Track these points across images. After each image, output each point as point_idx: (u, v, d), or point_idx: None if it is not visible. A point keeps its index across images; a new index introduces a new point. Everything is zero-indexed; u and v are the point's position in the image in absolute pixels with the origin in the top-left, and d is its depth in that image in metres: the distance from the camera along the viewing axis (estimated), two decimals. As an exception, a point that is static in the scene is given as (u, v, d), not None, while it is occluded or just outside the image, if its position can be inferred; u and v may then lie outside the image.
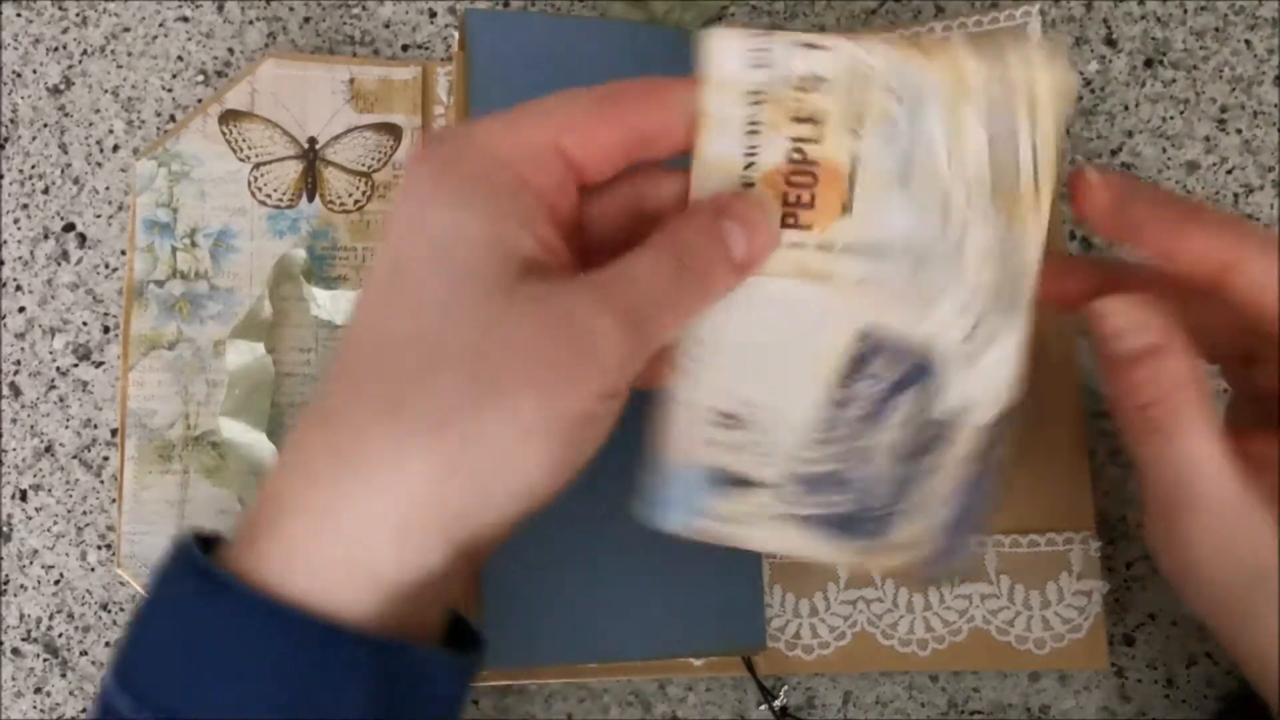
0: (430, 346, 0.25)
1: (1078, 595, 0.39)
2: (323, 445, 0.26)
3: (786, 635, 0.40)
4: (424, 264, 0.26)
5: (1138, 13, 0.44)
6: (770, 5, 0.45)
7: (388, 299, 0.26)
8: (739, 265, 0.27)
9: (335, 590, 0.25)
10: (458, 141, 0.27)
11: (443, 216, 0.26)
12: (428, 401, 0.25)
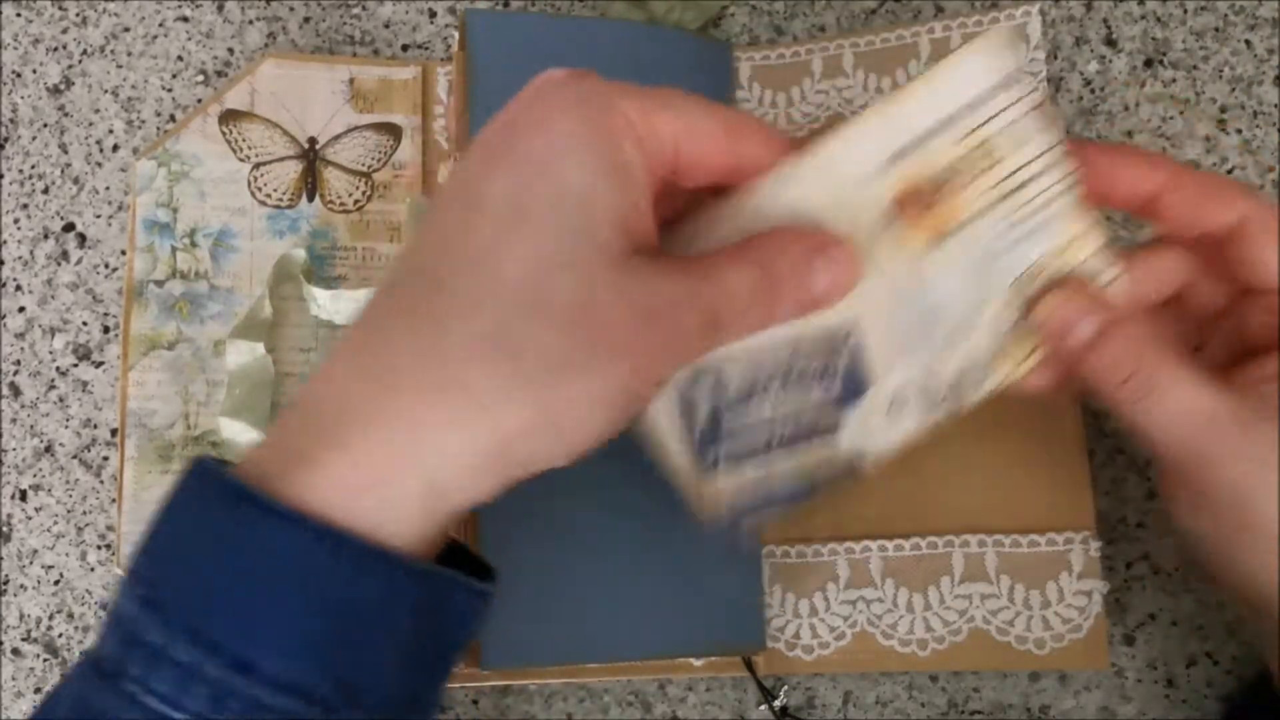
0: (543, 289, 0.25)
1: (1078, 595, 0.39)
2: (418, 366, 0.25)
3: (786, 635, 0.40)
4: (551, 213, 0.25)
5: (1138, 13, 0.44)
6: (770, 5, 0.45)
7: (505, 235, 0.25)
8: (810, 303, 0.29)
9: (400, 520, 0.25)
10: (595, 102, 0.26)
11: (582, 171, 0.26)
12: (536, 352, 0.25)
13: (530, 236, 0.25)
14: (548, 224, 0.25)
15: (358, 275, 0.42)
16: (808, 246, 0.28)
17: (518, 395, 0.25)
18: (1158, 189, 0.31)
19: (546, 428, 0.25)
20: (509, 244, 0.25)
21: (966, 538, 0.40)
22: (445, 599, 0.26)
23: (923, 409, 0.31)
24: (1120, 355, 0.30)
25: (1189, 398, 0.30)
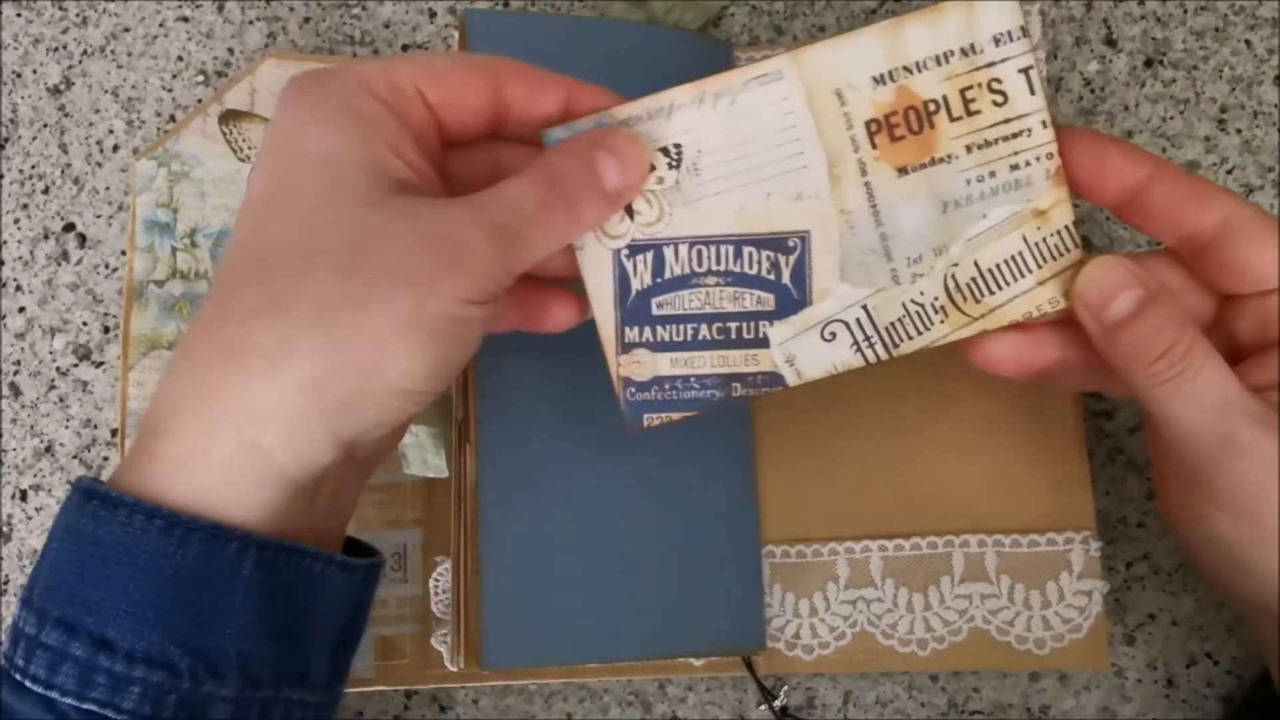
0: (310, 247, 0.26)
1: (1078, 595, 0.39)
2: (209, 344, 0.27)
3: (786, 635, 0.40)
4: (302, 180, 0.27)
5: (1138, 13, 0.44)
6: (770, 5, 0.45)
7: (266, 212, 0.28)
8: (610, 195, 0.29)
9: (229, 486, 0.26)
10: (331, 76, 0.28)
11: (320, 139, 0.27)
12: (310, 296, 0.26)
13: (291, 203, 0.27)
14: (305, 190, 0.27)
15: (358, 275, 0.42)
16: (587, 143, 0.29)
17: (303, 336, 0.26)
18: (1144, 181, 0.30)
19: (350, 368, 0.26)
20: (271, 216, 0.27)
21: (966, 538, 0.40)
22: (293, 568, 0.27)
23: (854, 344, 0.31)
24: (1158, 330, 0.29)
25: (1223, 382, 0.29)
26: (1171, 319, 0.29)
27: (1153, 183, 0.30)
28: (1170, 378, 0.29)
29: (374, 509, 0.40)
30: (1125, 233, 0.43)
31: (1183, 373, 0.29)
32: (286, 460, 0.27)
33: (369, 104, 0.28)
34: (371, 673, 0.39)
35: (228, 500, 0.26)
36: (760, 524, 0.40)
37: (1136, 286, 0.29)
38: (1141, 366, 0.29)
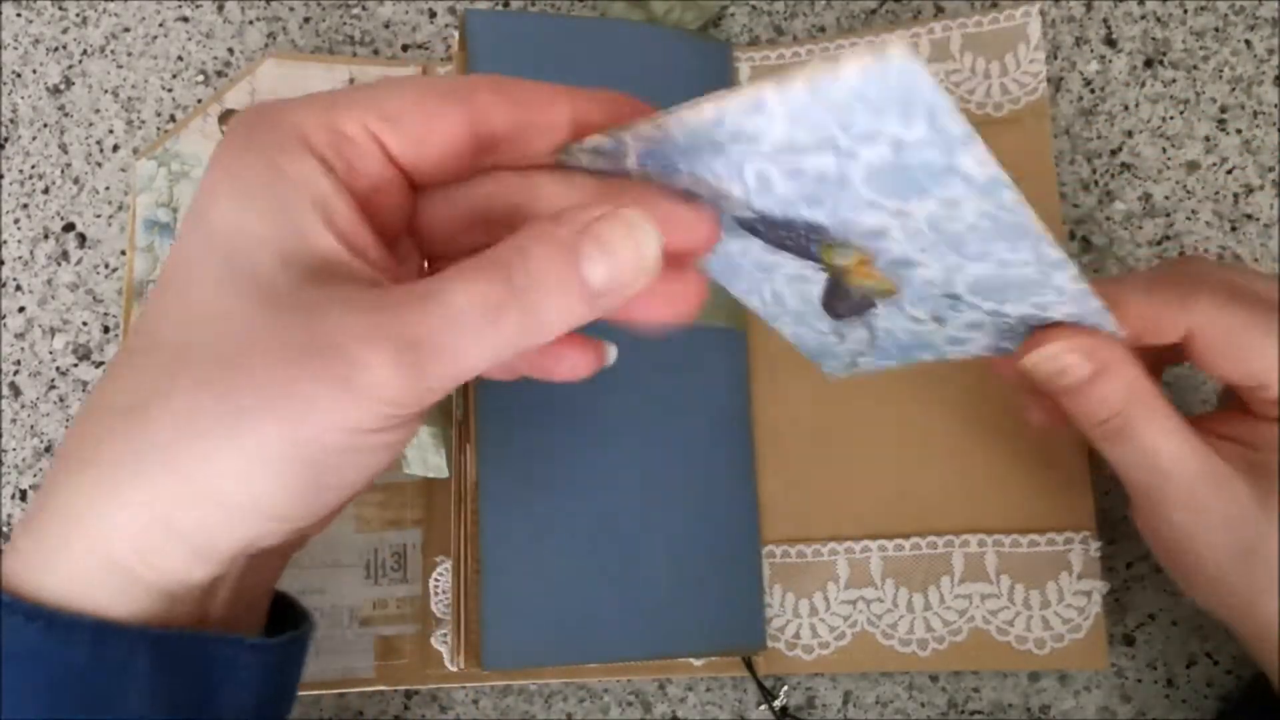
0: (180, 348, 0.23)
1: (1077, 595, 0.39)
2: (75, 442, 0.24)
3: (786, 635, 0.40)
4: (199, 263, 0.23)
5: (1138, 13, 0.44)
6: (770, 5, 0.45)
7: (159, 292, 0.24)
8: (591, 297, 0.23)
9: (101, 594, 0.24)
10: (261, 124, 0.24)
11: (227, 210, 0.23)
12: (169, 409, 0.23)
13: (182, 287, 0.24)
14: (196, 272, 0.23)
15: (358, 275, 0.42)
16: (571, 226, 0.23)
17: (153, 462, 0.23)
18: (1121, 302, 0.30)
19: (203, 497, 0.23)
20: (163, 300, 0.24)
21: (966, 538, 0.40)
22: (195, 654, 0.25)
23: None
24: (1102, 400, 0.30)
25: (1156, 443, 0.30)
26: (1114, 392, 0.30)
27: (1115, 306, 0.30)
28: (1112, 437, 0.31)
29: (374, 509, 0.40)
30: (1125, 232, 0.43)
31: (1119, 435, 0.31)
32: (149, 575, 0.24)
33: (299, 162, 0.23)
34: (371, 673, 0.39)
35: (102, 601, 0.24)
36: (760, 524, 0.40)
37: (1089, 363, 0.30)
38: (1088, 425, 0.31)
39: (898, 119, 0.23)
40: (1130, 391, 0.30)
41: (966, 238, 0.27)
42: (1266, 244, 0.43)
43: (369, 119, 0.24)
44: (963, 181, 0.25)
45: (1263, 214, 0.43)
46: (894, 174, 0.24)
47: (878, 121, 0.23)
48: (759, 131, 0.23)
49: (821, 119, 0.23)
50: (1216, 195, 0.43)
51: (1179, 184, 0.43)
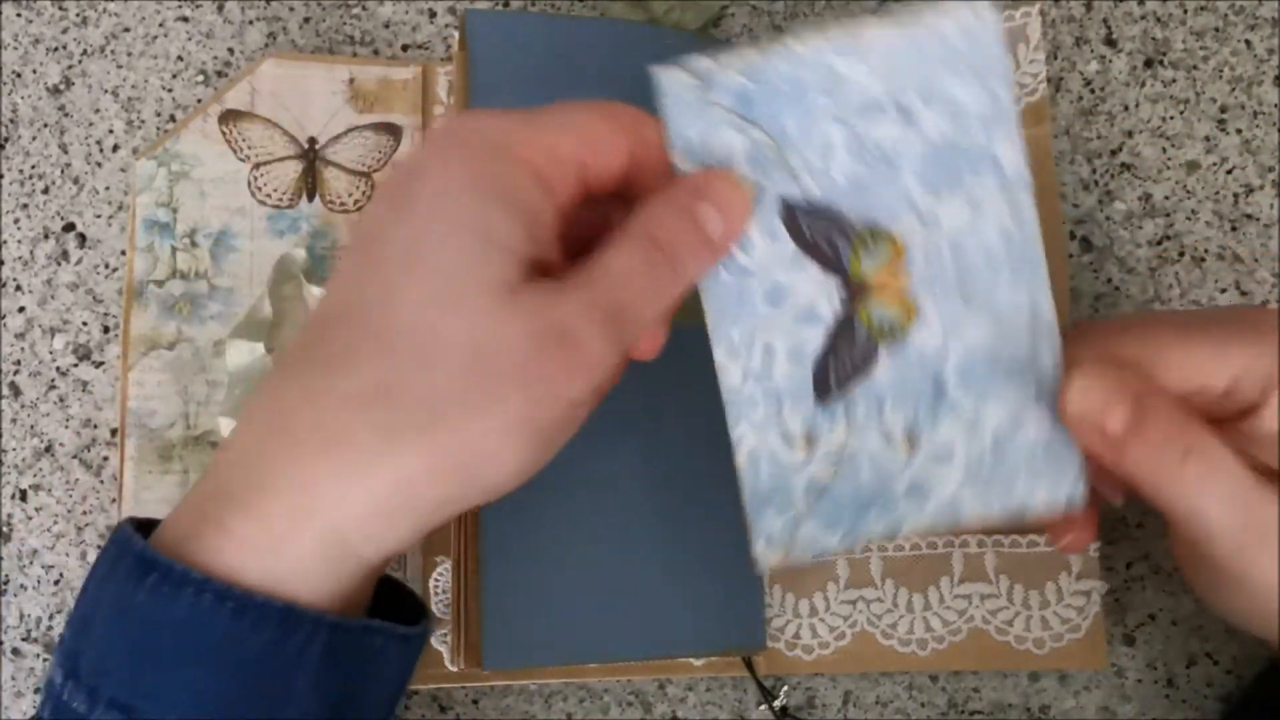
0: (435, 336, 0.25)
1: (1076, 595, 0.39)
2: (311, 422, 0.25)
3: (786, 635, 0.40)
4: (443, 249, 0.26)
5: (1138, 13, 0.44)
6: (770, 5, 0.45)
7: (400, 280, 0.26)
8: (716, 245, 0.28)
9: (306, 573, 0.25)
10: (493, 131, 0.27)
11: (472, 208, 0.26)
12: (425, 392, 0.25)
13: (423, 278, 0.26)
14: (441, 264, 0.26)
15: (358, 275, 0.42)
16: (689, 192, 0.28)
17: (407, 443, 0.25)
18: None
19: (451, 471, 0.25)
20: (403, 289, 0.26)
21: (966, 538, 0.40)
22: (356, 645, 0.27)
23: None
24: (1170, 430, 0.27)
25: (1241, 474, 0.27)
26: (1177, 416, 0.27)
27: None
28: (1202, 475, 0.27)
29: (374, 509, 0.40)
30: (1125, 232, 0.43)
31: (1211, 470, 0.27)
32: (368, 552, 0.26)
33: (525, 176, 0.27)
34: (371, 673, 0.39)
35: (299, 584, 0.25)
36: (760, 524, 0.40)
37: (1127, 393, 0.27)
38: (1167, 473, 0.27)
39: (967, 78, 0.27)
40: (1187, 415, 0.27)
41: (977, 271, 0.29)
42: (1266, 244, 0.43)
43: (579, 149, 0.27)
44: (994, 172, 0.28)
45: (1263, 214, 0.43)
46: (943, 156, 0.28)
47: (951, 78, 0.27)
48: (847, 76, 0.27)
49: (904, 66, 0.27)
50: (1216, 195, 0.43)
51: (1179, 184, 0.43)
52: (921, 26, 0.27)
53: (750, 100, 0.28)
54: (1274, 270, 0.42)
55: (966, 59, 0.27)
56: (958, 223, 0.28)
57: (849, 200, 0.29)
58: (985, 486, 0.29)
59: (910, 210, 0.29)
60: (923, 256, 0.29)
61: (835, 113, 0.28)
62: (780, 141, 0.28)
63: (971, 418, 0.29)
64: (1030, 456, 0.29)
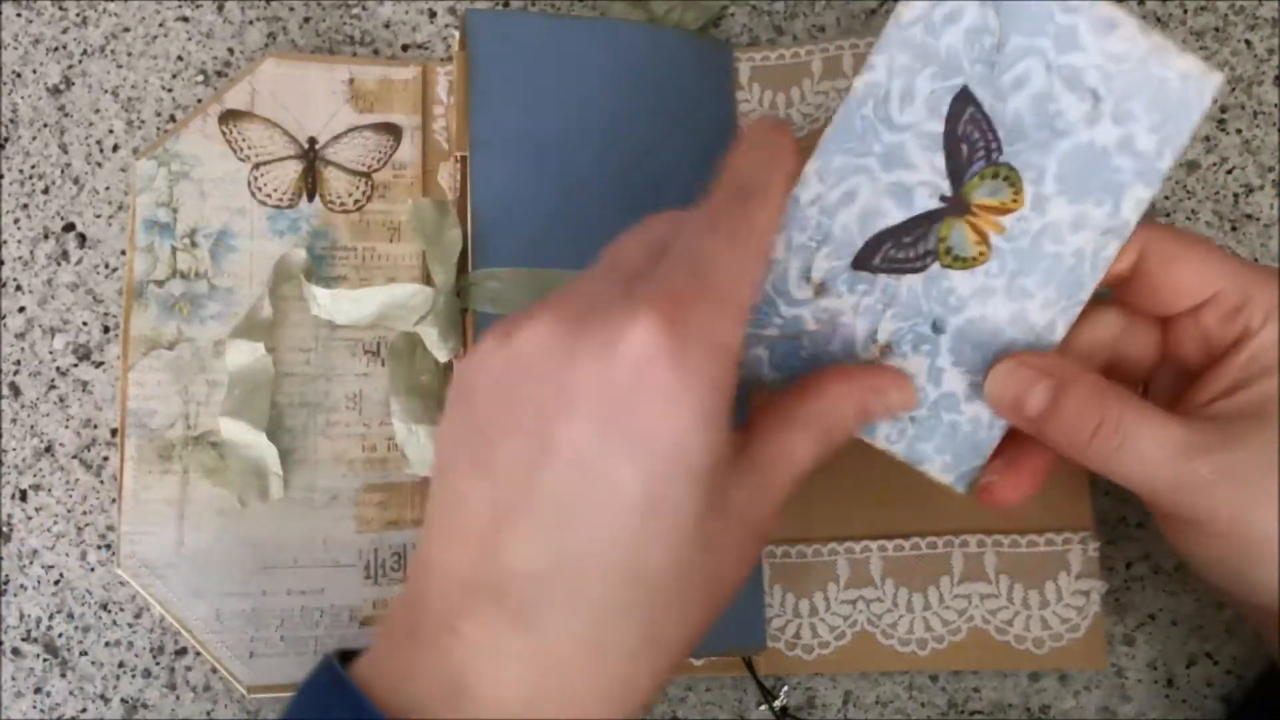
0: (682, 583, 0.26)
1: (1076, 595, 0.39)
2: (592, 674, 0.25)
3: (786, 635, 0.40)
4: (685, 498, 0.25)
5: (1138, 13, 0.44)
6: (770, 5, 0.45)
7: (641, 529, 0.25)
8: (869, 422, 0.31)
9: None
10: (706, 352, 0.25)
11: (702, 444, 0.25)
12: (683, 639, 0.26)
13: (674, 526, 0.25)
14: (685, 510, 0.25)
15: (358, 275, 0.42)
16: (863, 391, 0.30)
17: (666, 675, 0.26)
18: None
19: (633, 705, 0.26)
20: (658, 537, 0.25)
21: (966, 537, 0.40)
22: None
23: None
24: (1080, 411, 0.30)
25: (1160, 435, 0.29)
26: (1089, 395, 0.30)
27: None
28: (1111, 448, 0.29)
29: (374, 509, 0.40)
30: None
31: (1121, 441, 0.29)
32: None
33: (731, 382, 0.26)
34: (371, 673, 0.39)
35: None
36: (760, 524, 0.40)
37: (1043, 379, 0.30)
38: (1080, 447, 0.30)
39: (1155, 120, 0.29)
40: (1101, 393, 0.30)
41: (1037, 269, 0.30)
42: (1266, 244, 0.43)
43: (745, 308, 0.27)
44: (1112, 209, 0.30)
45: (1263, 214, 0.43)
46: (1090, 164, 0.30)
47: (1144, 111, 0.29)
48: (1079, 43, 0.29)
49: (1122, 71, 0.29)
50: (1216, 195, 0.43)
51: (1179, 184, 0.43)
52: (1160, 53, 0.29)
53: None
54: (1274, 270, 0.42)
55: (1165, 107, 0.29)
56: (1059, 223, 0.30)
57: (1008, 134, 0.30)
58: (905, 426, 0.31)
59: (1040, 182, 0.30)
60: (1018, 224, 0.30)
61: (1049, 59, 0.29)
62: (1001, 41, 0.29)
63: (940, 367, 0.31)
64: (953, 429, 0.31)
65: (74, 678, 0.41)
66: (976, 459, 0.32)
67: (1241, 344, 0.31)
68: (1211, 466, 0.29)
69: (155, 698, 0.41)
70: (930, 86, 0.29)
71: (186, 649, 0.41)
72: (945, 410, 0.31)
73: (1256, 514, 0.29)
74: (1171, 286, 0.31)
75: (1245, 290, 0.30)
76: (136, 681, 0.41)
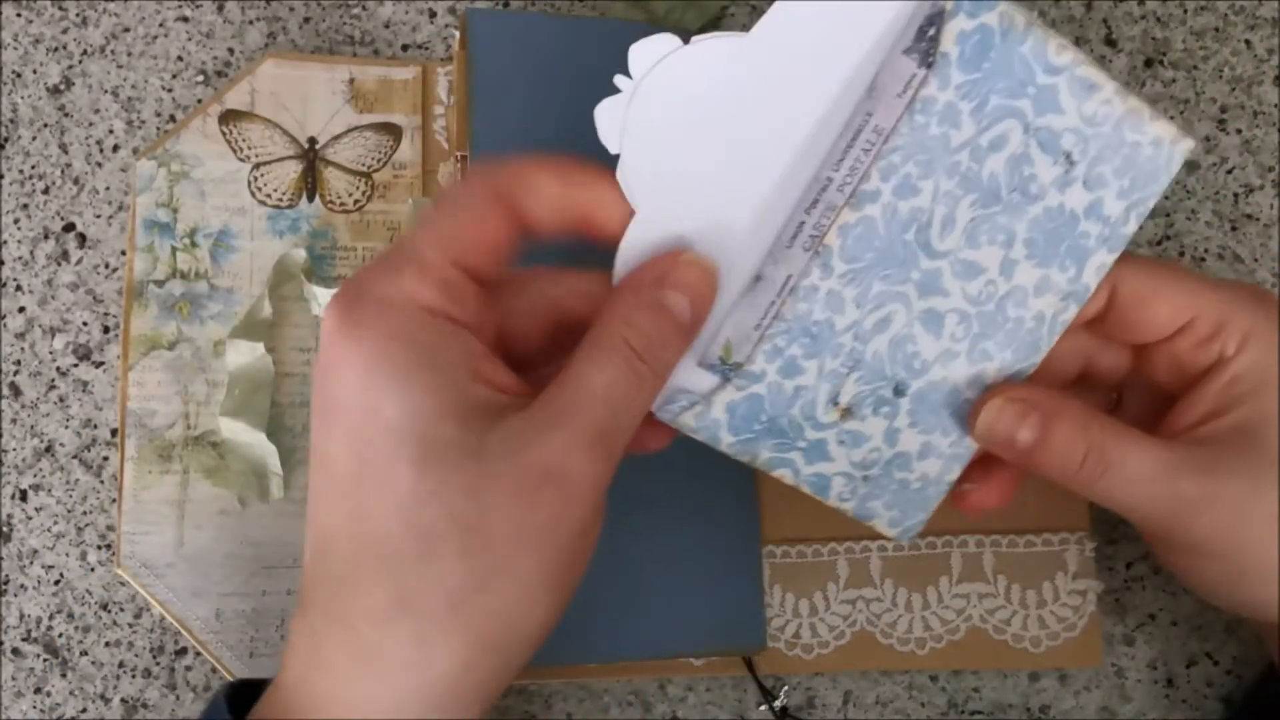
0: (423, 533, 0.25)
1: (1073, 594, 0.39)
2: (344, 650, 0.26)
3: (786, 635, 0.40)
4: (391, 454, 0.25)
5: (1138, 13, 0.44)
6: (770, 6, 0.45)
7: (360, 493, 0.25)
8: (689, 329, 0.28)
9: None
10: (379, 309, 0.26)
11: (397, 402, 0.25)
12: (438, 590, 0.25)
13: (388, 484, 0.25)
14: (398, 466, 0.25)
15: (358, 275, 0.42)
16: (651, 283, 0.27)
17: (440, 643, 0.25)
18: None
19: (486, 654, 0.25)
20: (376, 500, 0.25)
21: (964, 538, 0.40)
22: None
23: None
24: (1068, 442, 0.30)
25: (1147, 460, 0.29)
26: (1074, 428, 0.30)
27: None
28: (1098, 477, 0.30)
29: (374, 509, 0.40)
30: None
31: (1106, 470, 0.30)
32: None
33: (432, 329, 0.26)
34: (371, 672, 0.39)
35: None
36: (760, 524, 0.40)
37: (1031, 414, 0.30)
38: (1069, 478, 0.30)
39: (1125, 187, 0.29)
40: (1085, 424, 0.30)
41: (997, 330, 0.30)
42: (1266, 244, 0.43)
43: (457, 252, 0.26)
44: (1074, 274, 0.30)
45: (1263, 214, 0.43)
46: (1060, 230, 0.30)
47: (1114, 178, 0.29)
48: (1060, 104, 0.29)
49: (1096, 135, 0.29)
50: (1216, 195, 0.43)
51: (1179, 184, 0.43)
52: (1135, 117, 0.29)
53: (988, 49, 0.28)
54: (1274, 270, 0.43)
55: (1135, 172, 0.29)
56: (1024, 287, 0.30)
57: (983, 197, 0.29)
58: (856, 484, 0.32)
59: (1010, 246, 0.29)
60: (985, 288, 0.30)
61: (1028, 120, 0.28)
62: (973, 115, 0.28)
63: (897, 428, 0.31)
64: (903, 487, 0.32)
65: (74, 678, 0.41)
66: (922, 514, 0.32)
67: (1219, 369, 0.31)
68: (1200, 489, 0.29)
69: (155, 698, 0.41)
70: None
71: (186, 649, 0.41)
72: (898, 469, 0.31)
73: (1248, 534, 0.29)
74: (1144, 323, 0.31)
75: (1218, 317, 0.30)
76: (136, 681, 0.41)
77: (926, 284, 0.29)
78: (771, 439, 0.31)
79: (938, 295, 0.30)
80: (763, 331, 0.29)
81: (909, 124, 0.28)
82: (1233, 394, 0.30)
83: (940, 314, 0.30)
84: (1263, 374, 0.30)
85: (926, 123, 0.28)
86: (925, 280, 0.29)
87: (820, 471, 0.31)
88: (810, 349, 0.30)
